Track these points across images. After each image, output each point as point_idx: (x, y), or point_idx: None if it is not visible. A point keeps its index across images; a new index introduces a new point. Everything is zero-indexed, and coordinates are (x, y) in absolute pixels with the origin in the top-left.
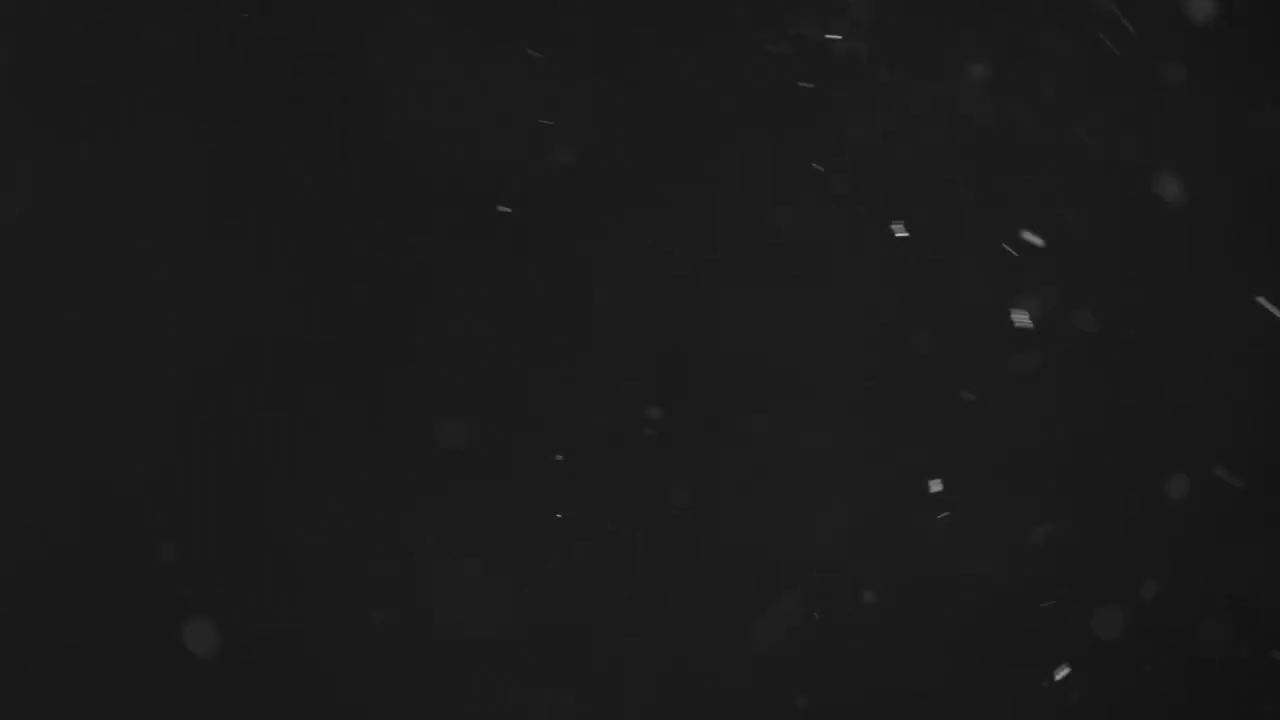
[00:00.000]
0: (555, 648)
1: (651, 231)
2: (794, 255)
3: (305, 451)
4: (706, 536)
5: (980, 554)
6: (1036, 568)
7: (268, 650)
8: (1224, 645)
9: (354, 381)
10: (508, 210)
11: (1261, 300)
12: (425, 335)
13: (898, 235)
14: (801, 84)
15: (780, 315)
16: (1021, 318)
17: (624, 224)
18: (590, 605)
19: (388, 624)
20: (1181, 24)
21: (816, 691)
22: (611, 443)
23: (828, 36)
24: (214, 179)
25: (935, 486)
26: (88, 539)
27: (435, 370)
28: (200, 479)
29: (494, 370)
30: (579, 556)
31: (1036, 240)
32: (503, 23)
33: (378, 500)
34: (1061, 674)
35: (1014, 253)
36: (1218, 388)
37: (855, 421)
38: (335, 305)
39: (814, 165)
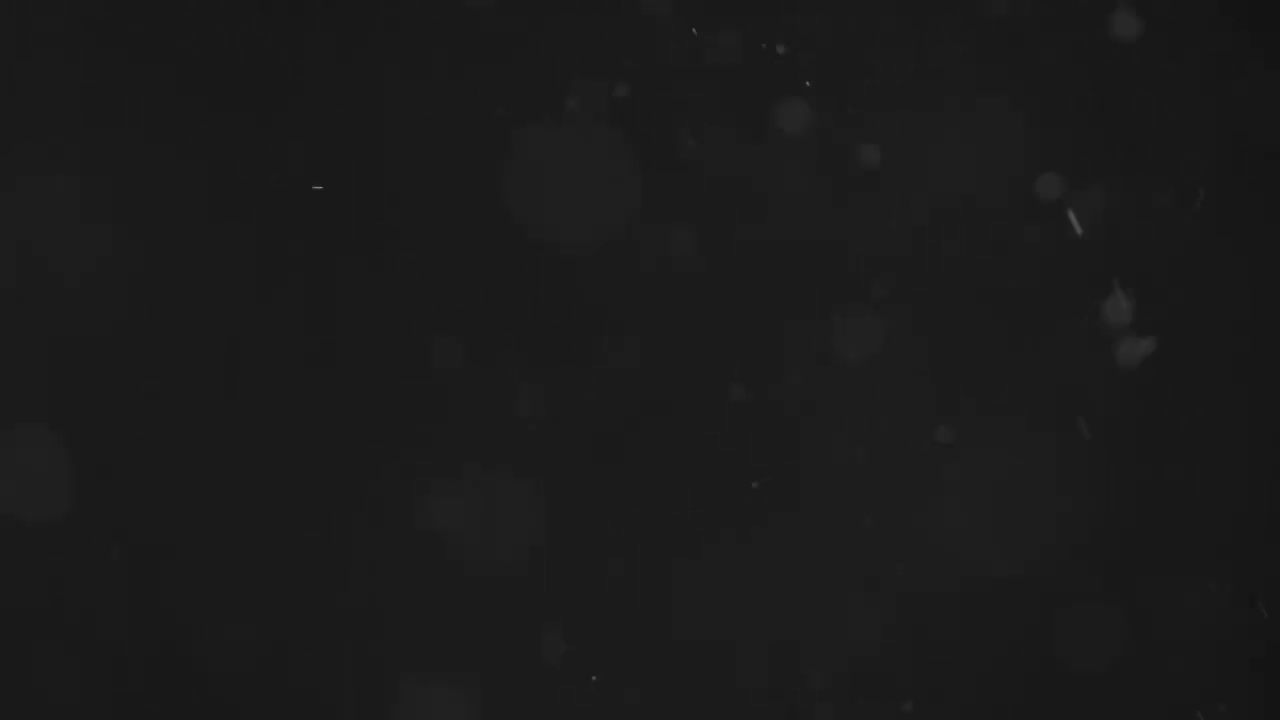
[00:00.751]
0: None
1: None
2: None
3: (306, 451)
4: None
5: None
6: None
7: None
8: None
9: (356, 381)
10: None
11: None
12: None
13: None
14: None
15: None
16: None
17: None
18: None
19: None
20: None
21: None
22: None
23: None
24: (214, 178)
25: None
26: (87, 538)
27: (436, 369)
28: (200, 478)
29: (496, 369)
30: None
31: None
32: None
33: (379, 499)
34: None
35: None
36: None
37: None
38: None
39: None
